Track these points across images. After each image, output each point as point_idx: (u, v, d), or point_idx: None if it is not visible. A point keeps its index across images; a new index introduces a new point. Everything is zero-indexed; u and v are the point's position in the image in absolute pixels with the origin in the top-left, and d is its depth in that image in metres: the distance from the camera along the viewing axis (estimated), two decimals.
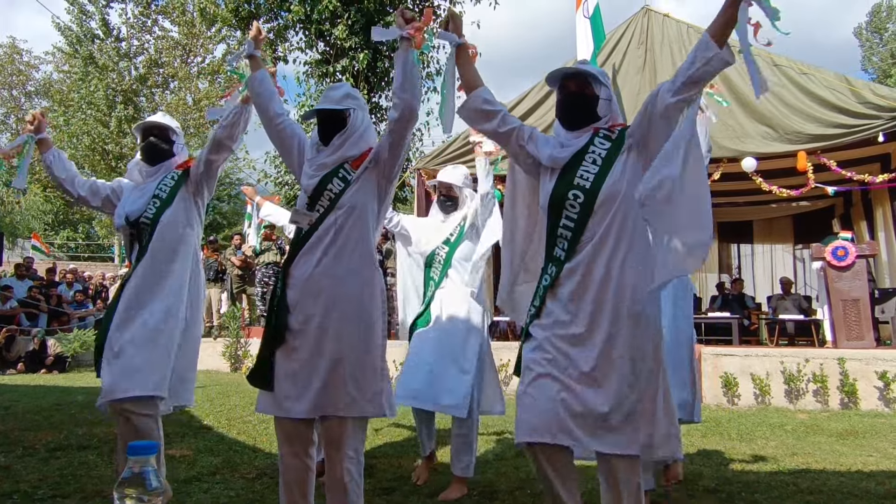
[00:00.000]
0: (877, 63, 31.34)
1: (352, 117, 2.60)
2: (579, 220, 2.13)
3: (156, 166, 3.09)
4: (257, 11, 13.94)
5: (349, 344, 2.40)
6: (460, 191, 3.74)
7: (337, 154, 2.56)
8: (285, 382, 2.43)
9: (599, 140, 2.21)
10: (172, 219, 2.94)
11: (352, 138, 2.58)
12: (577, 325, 2.10)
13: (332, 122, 2.58)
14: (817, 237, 9.11)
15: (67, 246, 27.60)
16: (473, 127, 2.64)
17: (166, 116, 3.22)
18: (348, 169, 2.54)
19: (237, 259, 10.99)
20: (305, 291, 2.44)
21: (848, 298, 7.43)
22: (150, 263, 2.89)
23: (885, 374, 6.46)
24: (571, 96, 2.27)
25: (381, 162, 2.53)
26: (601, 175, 2.13)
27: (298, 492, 2.50)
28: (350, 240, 2.47)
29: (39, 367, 9.58)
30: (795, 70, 8.33)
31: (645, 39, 9.28)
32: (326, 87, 2.68)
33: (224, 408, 5.90)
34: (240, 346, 9.49)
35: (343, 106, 2.58)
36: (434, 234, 3.75)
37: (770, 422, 5.80)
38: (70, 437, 4.59)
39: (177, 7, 22.06)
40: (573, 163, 2.19)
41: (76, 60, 22.41)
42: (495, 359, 3.82)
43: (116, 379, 2.72)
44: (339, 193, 2.49)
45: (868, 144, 8.04)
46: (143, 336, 2.79)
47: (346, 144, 2.57)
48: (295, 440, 2.50)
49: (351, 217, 2.48)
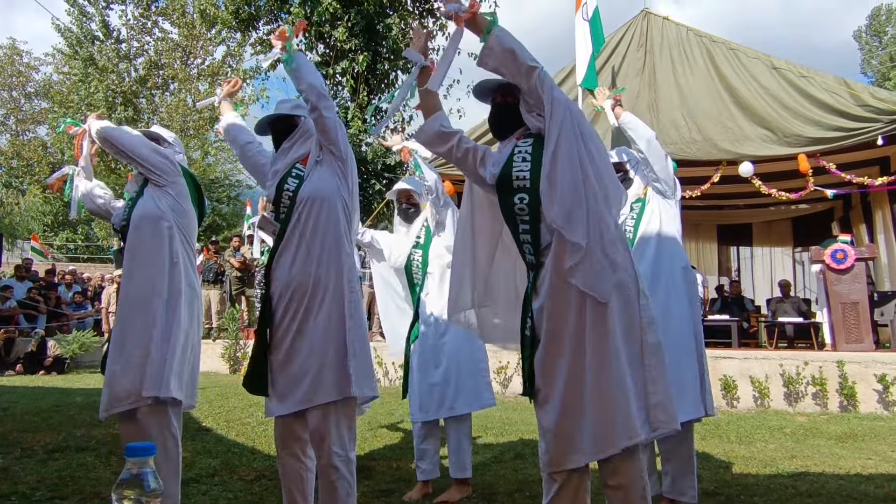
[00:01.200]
0: (876, 66, 31.40)
1: (300, 125, 2.71)
2: (532, 218, 2.14)
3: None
4: (257, 13, 13.96)
5: (317, 336, 2.45)
6: (419, 196, 3.77)
7: (287, 157, 2.67)
8: (277, 381, 2.50)
9: (522, 140, 2.25)
10: (141, 213, 2.91)
11: (299, 141, 2.69)
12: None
13: (280, 127, 2.72)
14: (816, 240, 9.12)
15: (67, 247, 27.55)
16: (431, 150, 2.57)
17: (157, 129, 3.28)
18: (300, 167, 2.63)
19: (236, 261, 10.99)
20: (284, 291, 2.52)
21: (847, 301, 7.43)
22: (127, 263, 2.90)
23: (884, 376, 6.46)
24: (497, 107, 2.35)
25: (322, 143, 2.63)
26: (534, 170, 2.15)
27: (297, 491, 2.53)
28: (317, 230, 2.53)
29: (38, 368, 9.57)
30: (795, 73, 8.35)
31: (645, 42, 9.29)
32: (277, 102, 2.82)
33: (223, 409, 5.90)
34: (239, 348, 9.48)
35: (292, 112, 2.71)
36: (404, 242, 3.78)
37: (769, 424, 5.79)
38: (68, 439, 4.59)
39: (177, 9, 22.10)
40: (507, 168, 2.21)
41: (76, 62, 22.45)
42: (494, 360, 3.82)
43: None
44: (296, 190, 2.58)
45: (867, 147, 8.05)
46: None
47: (293, 146, 2.69)
48: (288, 440, 2.54)
49: (313, 208, 2.54)
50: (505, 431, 5.28)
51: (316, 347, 2.44)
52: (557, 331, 2.07)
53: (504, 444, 4.82)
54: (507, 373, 7.45)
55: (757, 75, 8.50)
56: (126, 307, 2.82)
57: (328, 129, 2.58)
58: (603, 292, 2.01)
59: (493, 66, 2.15)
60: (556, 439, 2.04)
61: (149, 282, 2.80)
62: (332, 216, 2.55)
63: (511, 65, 2.11)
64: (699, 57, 8.90)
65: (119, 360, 2.71)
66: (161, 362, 2.70)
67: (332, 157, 2.62)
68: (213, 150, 24.91)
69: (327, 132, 2.58)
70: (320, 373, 2.42)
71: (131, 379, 2.66)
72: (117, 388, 2.69)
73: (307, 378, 2.42)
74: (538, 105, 2.15)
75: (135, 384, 2.65)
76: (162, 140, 3.16)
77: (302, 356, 2.45)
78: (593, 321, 2.02)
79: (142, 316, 2.75)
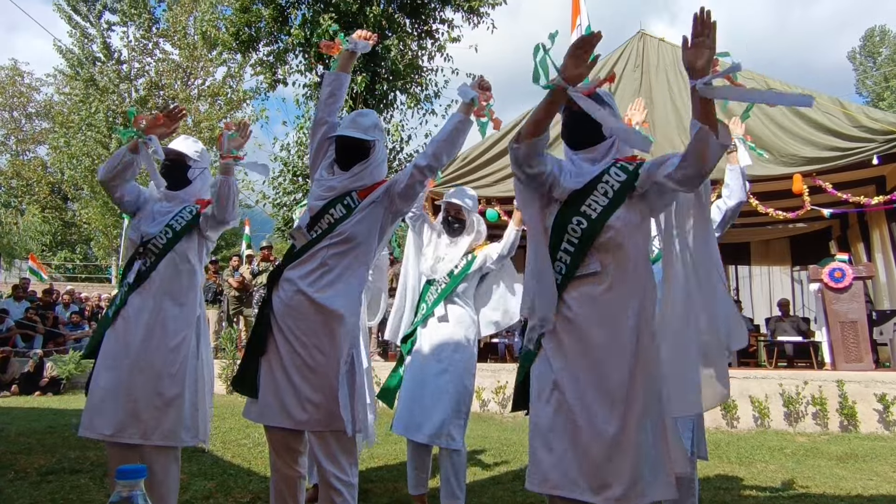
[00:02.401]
0: (871, 86, 31.71)
1: (375, 148, 2.63)
2: (579, 246, 2.09)
3: (175, 191, 3.03)
4: (258, 35, 14.11)
5: (313, 365, 2.43)
6: (468, 213, 3.70)
7: (349, 181, 2.59)
8: (267, 392, 2.48)
9: (615, 170, 2.16)
10: (183, 249, 2.90)
11: (369, 168, 2.61)
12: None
13: (355, 149, 2.60)
14: (815, 259, 9.12)
15: (65, 267, 27.54)
16: (525, 164, 2.17)
17: (188, 140, 3.12)
18: (354, 198, 2.56)
19: (234, 280, 10.97)
20: (288, 307, 2.49)
21: (846, 320, 7.43)
22: (153, 290, 2.83)
23: (884, 396, 6.43)
24: (576, 116, 2.20)
25: (393, 197, 2.57)
26: (609, 208, 2.10)
27: (289, 494, 2.53)
28: (339, 266, 2.51)
29: (34, 388, 9.50)
30: None
31: (640, 63, 9.41)
32: (354, 112, 2.69)
33: (219, 430, 5.85)
34: (236, 368, 9.43)
35: (370, 136, 2.60)
36: (442, 255, 3.69)
37: (769, 445, 5.75)
38: (63, 461, 4.54)
39: (178, 31, 22.32)
40: (585, 190, 2.14)
41: (77, 83, 22.64)
42: (493, 379, 3.80)
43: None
44: (339, 220, 2.52)
45: (863, 167, 8.10)
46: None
47: (362, 174, 2.60)
48: (281, 450, 2.54)
49: (345, 246, 2.51)
50: (503, 452, 5.23)
51: (310, 379, 2.43)
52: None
53: (502, 465, 4.78)
54: (507, 392, 7.40)
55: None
56: (160, 339, 2.79)
57: (418, 193, 2.63)
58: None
59: (710, 157, 1.95)
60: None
61: (183, 320, 2.83)
62: (357, 261, 2.55)
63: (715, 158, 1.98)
64: None
65: (154, 395, 2.72)
66: (194, 407, 2.80)
67: (395, 207, 2.59)
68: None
69: (416, 196, 2.64)
70: (314, 403, 2.41)
71: (173, 419, 2.72)
72: (150, 420, 2.69)
73: (304, 404, 2.41)
74: (673, 198, 2.14)
75: (175, 426, 2.71)
76: (187, 158, 3.02)
77: (299, 379, 2.43)
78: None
79: (175, 354, 2.78)
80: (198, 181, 3.09)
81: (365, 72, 13.14)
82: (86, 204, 23.62)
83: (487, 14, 14.29)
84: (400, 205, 2.58)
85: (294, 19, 13.67)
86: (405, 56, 14.07)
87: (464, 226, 3.69)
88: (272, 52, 14.30)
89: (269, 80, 14.43)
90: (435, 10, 14.39)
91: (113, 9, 23.41)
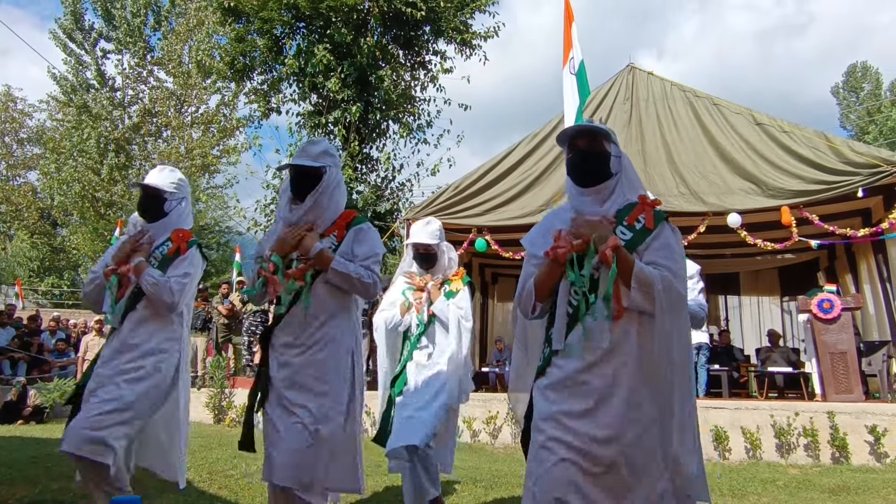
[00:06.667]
0: (854, 120, 32.38)
1: (326, 174, 2.68)
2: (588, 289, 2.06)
3: (152, 224, 3.09)
4: (252, 64, 14.26)
5: (316, 418, 2.50)
6: (437, 246, 3.79)
7: (309, 214, 2.66)
8: (268, 444, 2.55)
9: (621, 230, 2.12)
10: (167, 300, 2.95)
11: (324, 196, 2.67)
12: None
13: (306, 177, 2.67)
14: (803, 289, 9.20)
15: (52, 293, 27.26)
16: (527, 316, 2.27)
17: (164, 171, 3.15)
18: (334, 240, 2.65)
19: (224, 308, 10.89)
20: (283, 361, 2.57)
21: (835, 351, 7.46)
22: (144, 336, 2.92)
23: (874, 428, 6.44)
24: (582, 154, 2.20)
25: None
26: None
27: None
28: (327, 304, 2.59)
29: (16, 417, 9.32)
30: (777, 128, 8.59)
31: (630, 95, 9.57)
32: (305, 141, 2.80)
33: (205, 461, 5.74)
34: (224, 397, 9.31)
35: (320, 163, 2.66)
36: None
37: (761, 477, 5.72)
38: (45, 492, 4.44)
39: (173, 59, 22.50)
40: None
41: (70, 109, 22.67)
42: (483, 410, 3.81)
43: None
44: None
45: (849, 199, 8.22)
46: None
47: (317, 203, 2.66)
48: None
49: (326, 283, 2.59)
50: (495, 484, 5.17)
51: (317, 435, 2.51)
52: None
53: (493, 497, 4.71)
54: (497, 423, 7.35)
55: (740, 129, 8.74)
56: (155, 381, 2.88)
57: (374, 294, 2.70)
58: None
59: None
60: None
61: (172, 368, 2.95)
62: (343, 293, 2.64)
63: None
64: (683, 111, 9.17)
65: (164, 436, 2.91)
66: (180, 450, 2.97)
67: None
68: (205, 197, 25.01)
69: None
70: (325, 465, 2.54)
71: (175, 458, 2.92)
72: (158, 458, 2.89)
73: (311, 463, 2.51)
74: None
75: (171, 468, 2.92)
76: (163, 192, 3.07)
77: (299, 435, 2.50)
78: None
79: (168, 401, 2.95)
80: (174, 213, 3.12)
81: (359, 101, 13.28)
82: (75, 230, 23.52)
83: (480, 46, 14.55)
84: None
85: (289, 49, 13.86)
86: (398, 86, 14.26)
87: (435, 258, 3.80)
88: (266, 81, 14.45)
89: (263, 109, 14.55)
90: (428, 41, 14.64)
91: (108, 37, 23.58)
